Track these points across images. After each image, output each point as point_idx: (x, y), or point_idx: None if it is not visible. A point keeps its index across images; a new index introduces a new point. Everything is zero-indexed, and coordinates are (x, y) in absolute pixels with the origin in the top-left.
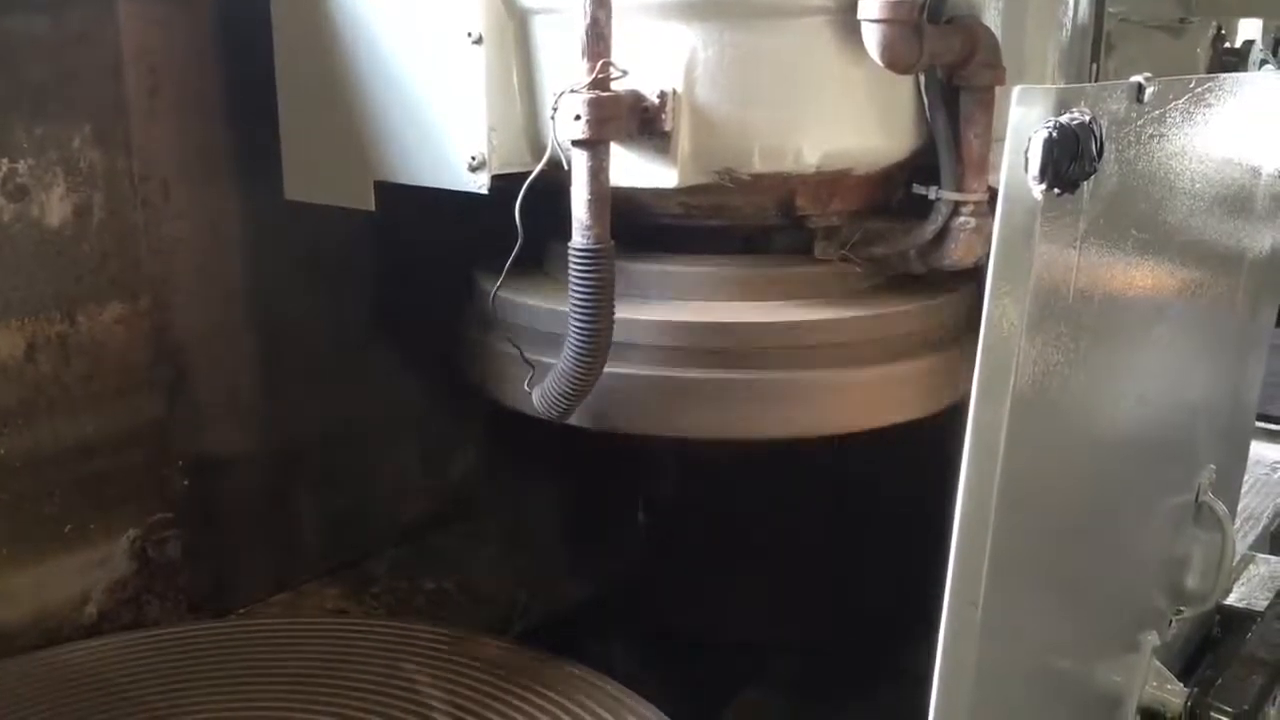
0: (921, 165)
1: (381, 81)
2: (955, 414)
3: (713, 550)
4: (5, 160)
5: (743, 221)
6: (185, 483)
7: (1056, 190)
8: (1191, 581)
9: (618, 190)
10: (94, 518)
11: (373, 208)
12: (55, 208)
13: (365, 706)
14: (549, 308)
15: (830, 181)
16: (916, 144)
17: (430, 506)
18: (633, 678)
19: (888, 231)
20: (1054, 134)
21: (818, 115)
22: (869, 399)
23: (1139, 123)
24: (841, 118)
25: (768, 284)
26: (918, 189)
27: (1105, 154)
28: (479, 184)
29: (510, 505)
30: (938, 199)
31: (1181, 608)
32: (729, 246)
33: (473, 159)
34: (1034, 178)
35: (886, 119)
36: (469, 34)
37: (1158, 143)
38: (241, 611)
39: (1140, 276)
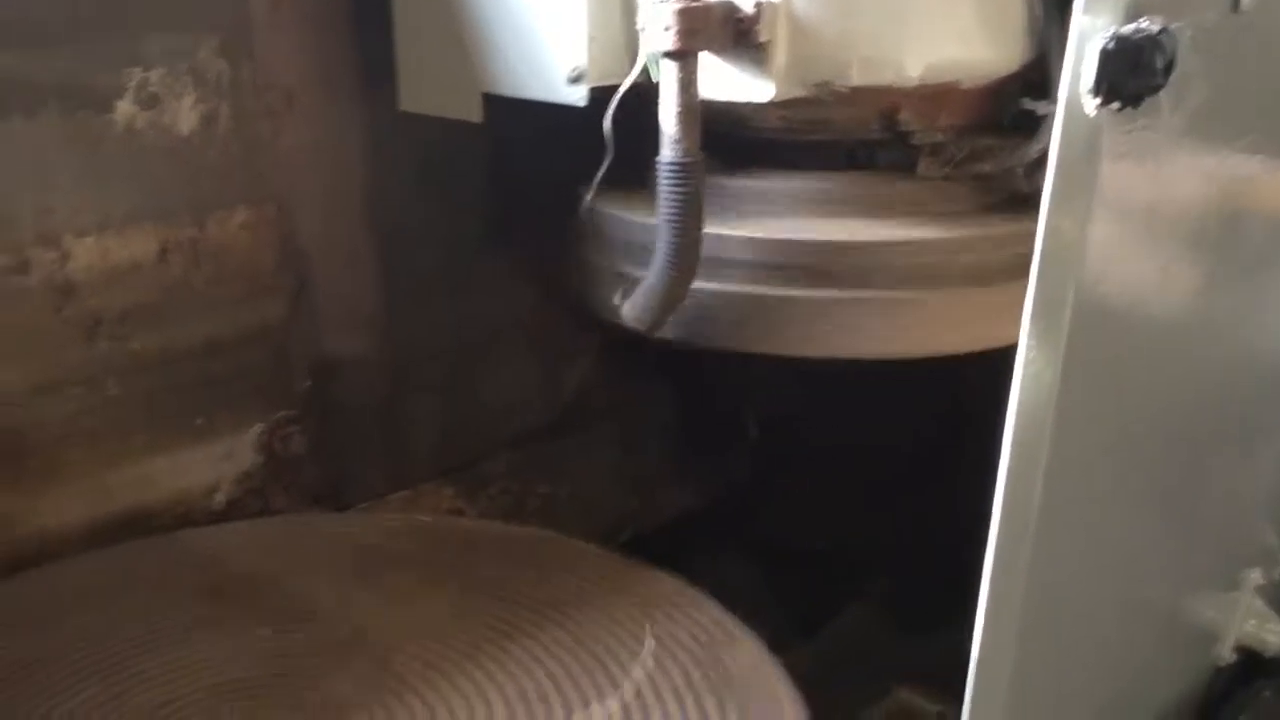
0: (1034, 80)
1: None
2: None
3: (823, 466)
4: (138, 69)
5: (844, 137)
6: (307, 383)
7: (1115, 105)
8: None
9: (714, 105)
10: (222, 413)
11: (480, 119)
12: (185, 116)
13: (469, 601)
14: (641, 221)
15: (935, 95)
16: (1027, 56)
17: (544, 415)
18: (736, 590)
19: (995, 149)
20: (1112, 46)
21: (921, 25)
22: (971, 321)
23: (1235, 33)
24: (946, 28)
25: (867, 201)
26: (1027, 104)
27: (1187, 66)
28: (578, 96)
29: (623, 414)
30: (1046, 115)
31: None
32: (831, 163)
33: (573, 71)
34: (1088, 92)
35: (995, 29)
36: None
37: (1258, 55)
38: (361, 507)
39: (1233, 196)
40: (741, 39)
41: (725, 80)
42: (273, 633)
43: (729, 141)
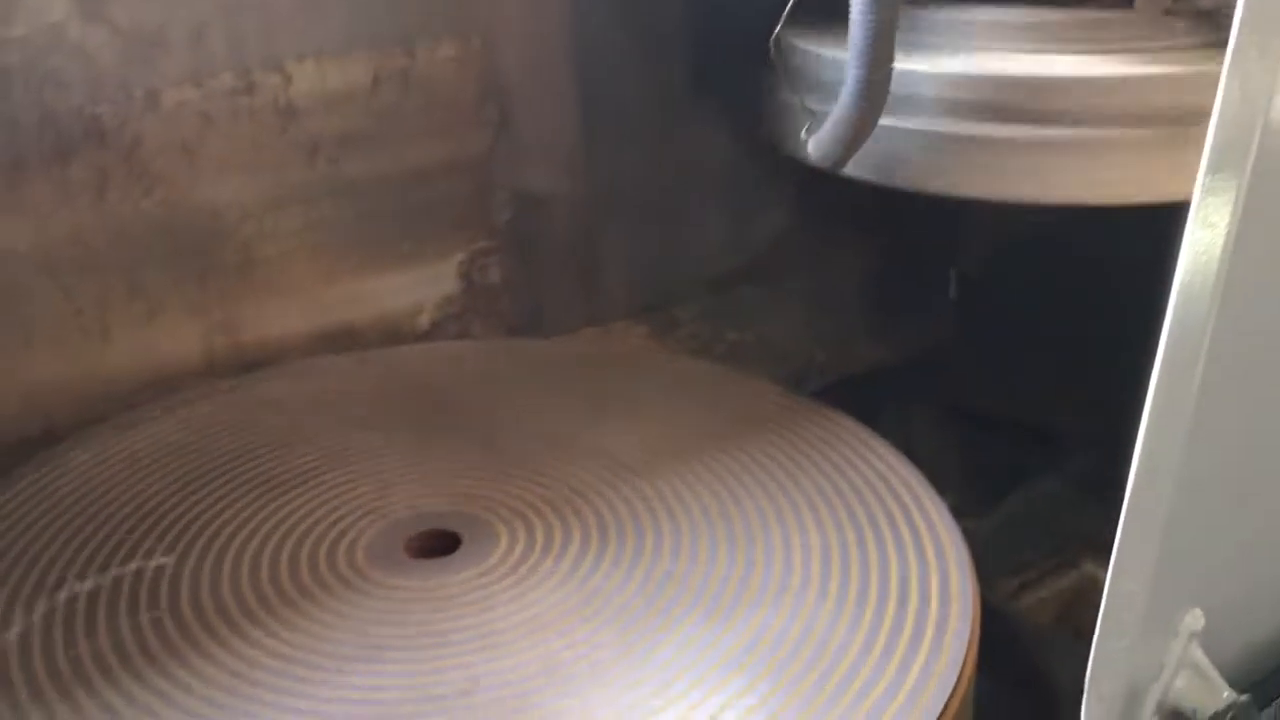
0: None
1: None
2: None
3: (1024, 331)
4: None
5: None
6: (507, 216)
7: None
8: None
9: None
10: (427, 239)
11: None
12: None
13: (644, 428)
14: (831, 55)
15: None
16: None
17: (737, 262)
18: (922, 451)
19: None
20: None
21: None
22: (1181, 169)
23: None
24: None
25: (1076, 35)
26: None
27: None
28: None
29: (817, 266)
30: None
31: None
32: None
33: None
34: None
35: None
36: None
37: None
38: (555, 339)
39: None
40: None
41: None
42: (468, 444)
43: None
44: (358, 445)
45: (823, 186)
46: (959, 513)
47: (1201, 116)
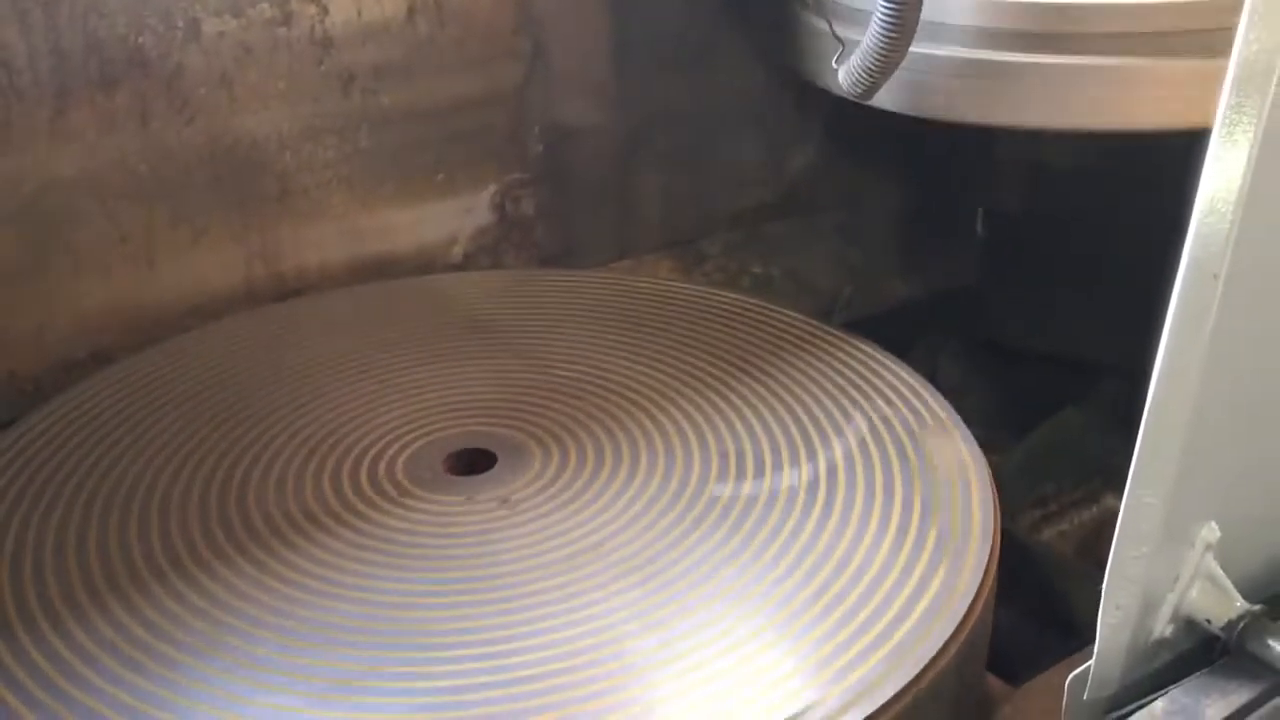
0: None
1: None
2: None
3: (1052, 265)
4: None
5: None
6: (540, 148)
7: None
8: None
9: None
10: (461, 170)
11: None
12: None
13: (676, 355)
14: None
15: None
16: None
17: (766, 197)
18: (951, 382)
19: None
20: None
21: None
22: (1203, 96)
23: None
24: None
25: None
26: None
27: None
28: None
29: (846, 202)
30: None
31: None
32: None
33: None
34: None
35: None
36: None
37: None
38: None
39: None
40: None
41: None
42: (504, 368)
43: None
44: (392, 366)
45: (853, 122)
46: (986, 446)
47: (1230, 44)
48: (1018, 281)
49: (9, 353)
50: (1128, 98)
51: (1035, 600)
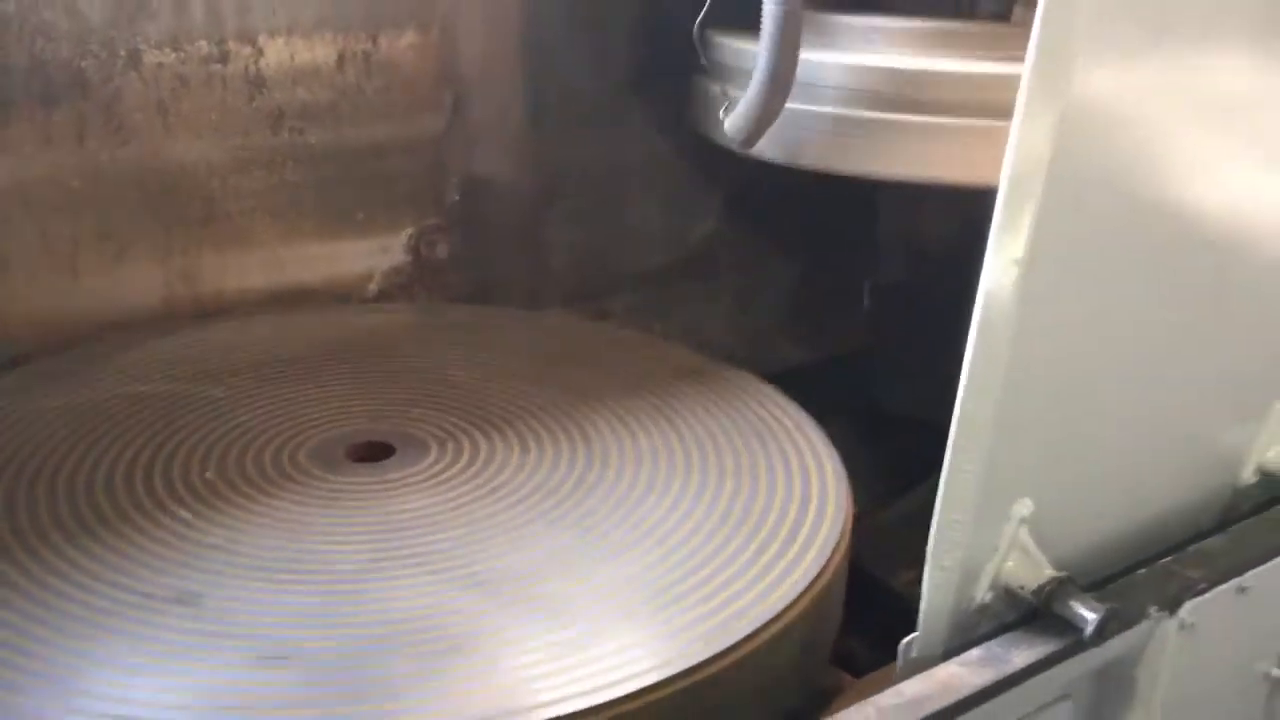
0: None
1: None
2: None
3: (931, 334)
4: None
5: None
6: (456, 196)
7: None
8: None
9: None
10: (380, 211)
11: None
12: None
13: (564, 379)
14: (748, 47)
15: None
16: None
17: (669, 260)
18: (836, 444)
19: None
20: None
21: None
22: None
23: None
24: None
25: (960, 42)
26: None
27: None
28: None
29: (743, 269)
30: None
31: None
32: (937, 9)
33: None
34: None
35: None
36: None
37: None
38: None
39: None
40: None
41: None
42: (410, 387)
43: None
44: (304, 379)
45: (753, 194)
46: (871, 505)
47: None
48: (900, 349)
49: None
50: (969, 155)
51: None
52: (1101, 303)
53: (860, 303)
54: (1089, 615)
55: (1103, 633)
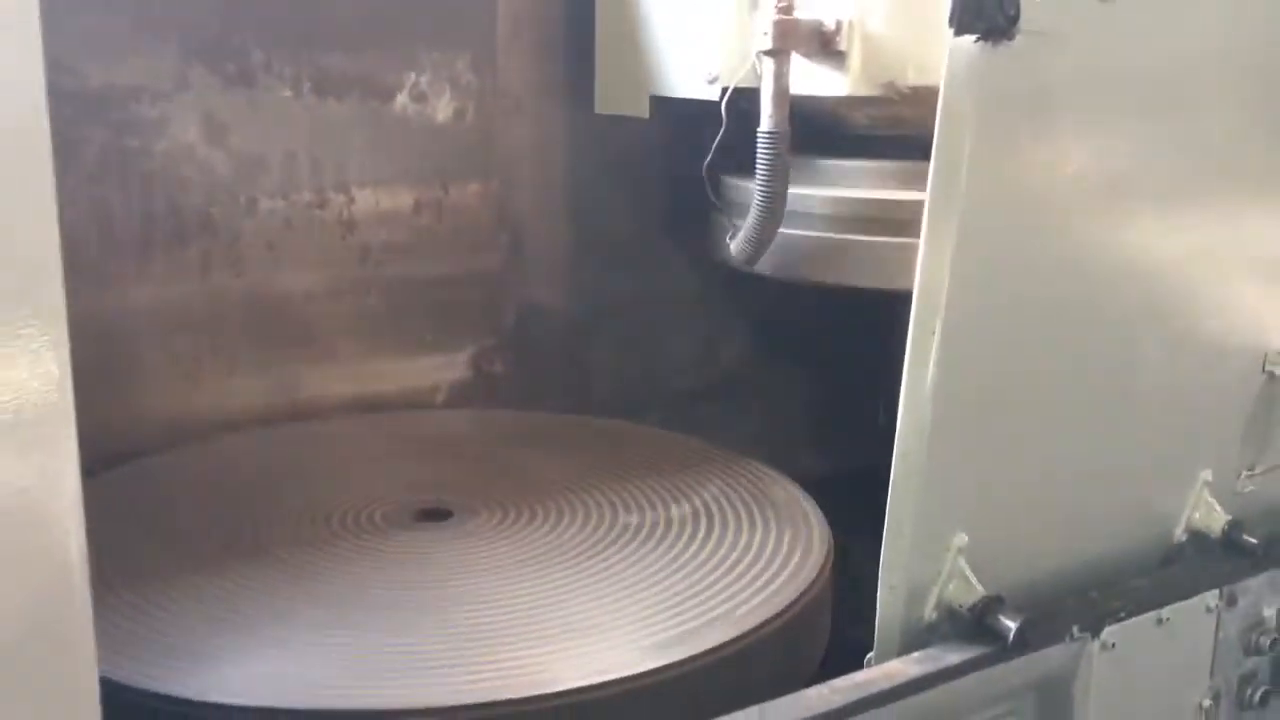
0: None
1: (658, 21)
2: None
3: None
4: (413, 74)
5: (916, 132)
6: (511, 320)
7: (971, 37)
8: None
9: (819, 105)
10: (446, 333)
11: (647, 115)
12: (442, 110)
13: (600, 458)
14: (746, 184)
15: None
16: None
17: (702, 381)
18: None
19: None
20: None
21: None
22: None
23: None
24: None
25: (918, 177)
26: None
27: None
28: (713, 93)
29: (769, 390)
30: None
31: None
32: (908, 154)
33: (709, 74)
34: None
35: None
36: None
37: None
38: None
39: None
40: (825, 46)
41: (814, 78)
42: (465, 468)
43: (832, 136)
44: (380, 461)
45: (776, 324)
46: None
47: None
48: None
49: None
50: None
51: None
52: (1014, 373)
53: (876, 421)
54: (1010, 624)
55: (1024, 640)
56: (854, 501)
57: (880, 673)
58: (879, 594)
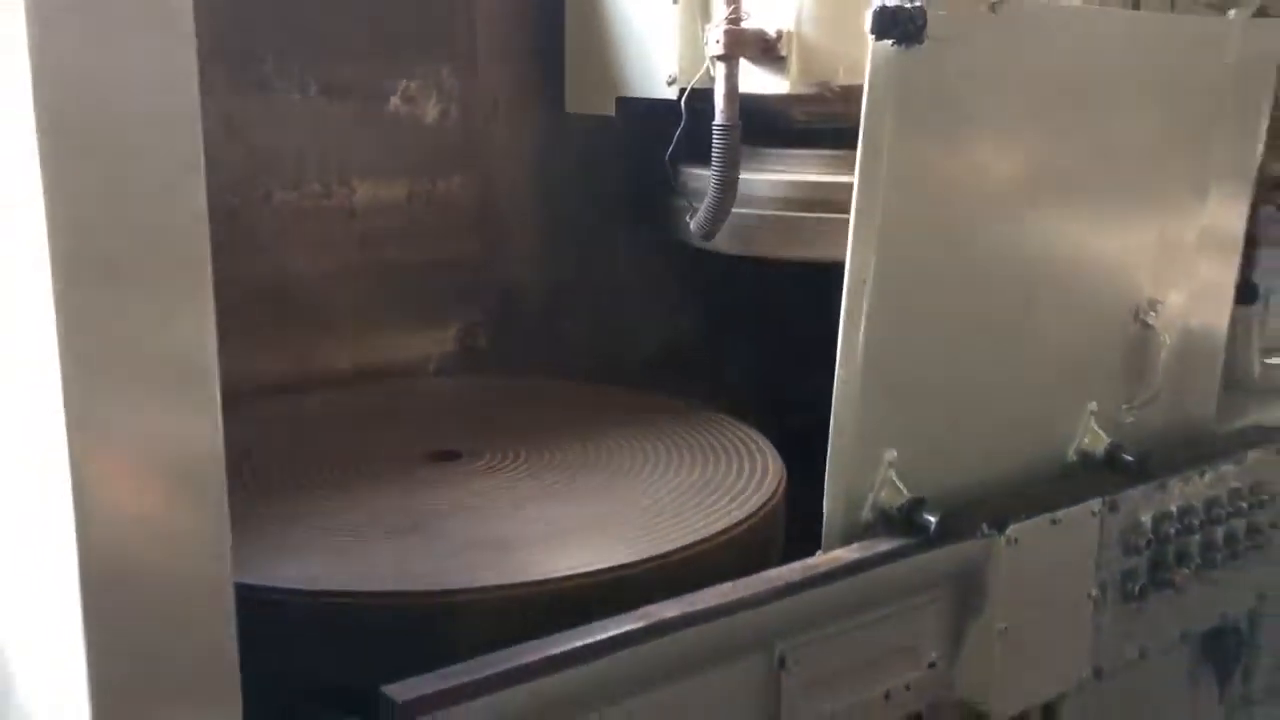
0: None
1: (621, 30)
2: None
3: None
4: (404, 80)
5: (848, 124)
6: (494, 299)
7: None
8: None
9: (766, 101)
10: (435, 310)
11: (613, 113)
12: (429, 111)
13: (581, 413)
14: (704, 171)
15: None
16: None
17: (665, 349)
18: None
19: None
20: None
21: None
22: None
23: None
24: None
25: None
26: None
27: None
28: (672, 93)
29: (725, 353)
30: None
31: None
32: (845, 144)
33: (669, 76)
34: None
35: None
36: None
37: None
38: None
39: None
40: (769, 52)
41: (760, 79)
42: (468, 425)
43: (776, 129)
44: (387, 418)
45: (731, 296)
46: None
47: None
48: None
49: None
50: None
51: None
52: (931, 319)
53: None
54: (931, 519)
55: (943, 531)
56: (801, 445)
57: (827, 558)
58: (824, 501)
